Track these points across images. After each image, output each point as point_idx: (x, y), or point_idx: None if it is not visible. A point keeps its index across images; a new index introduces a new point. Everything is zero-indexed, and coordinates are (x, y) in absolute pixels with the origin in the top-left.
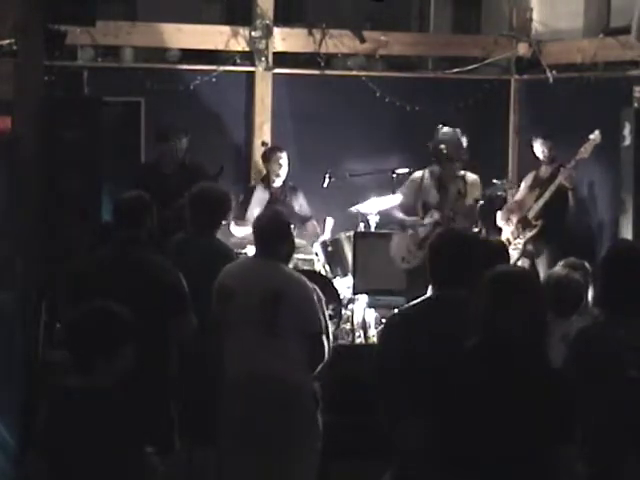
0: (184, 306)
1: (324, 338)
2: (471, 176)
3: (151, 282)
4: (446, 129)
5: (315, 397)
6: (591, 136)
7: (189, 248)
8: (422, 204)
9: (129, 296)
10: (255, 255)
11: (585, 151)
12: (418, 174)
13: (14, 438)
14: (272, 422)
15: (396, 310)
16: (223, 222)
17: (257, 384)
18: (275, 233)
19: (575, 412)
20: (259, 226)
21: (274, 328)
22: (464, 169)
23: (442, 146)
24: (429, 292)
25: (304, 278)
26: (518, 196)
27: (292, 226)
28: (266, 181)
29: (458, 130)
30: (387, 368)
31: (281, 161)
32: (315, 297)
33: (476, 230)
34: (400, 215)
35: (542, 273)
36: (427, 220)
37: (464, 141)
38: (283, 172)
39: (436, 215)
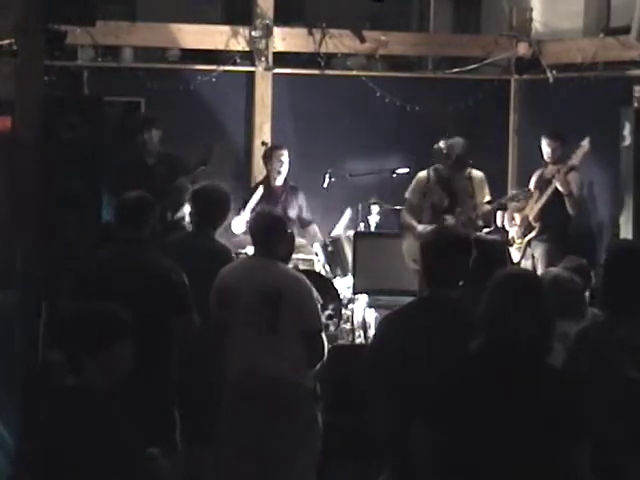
0: (187, 306)
1: (323, 336)
2: (477, 174)
3: (154, 282)
4: (456, 139)
5: (315, 395)
6: (581, 143)
7: (188, 247)
8: (430, 206)
9: (132, 296)
10: (253, 254)
11: (575, 158)
12: (423, 174)
13: (14, 438)
14: (273, 421)
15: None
16: (224, 222)
17: (259, 383)
18: (271, 231)
19: (584, 415)
20: (255, 225)
21: (275, 327)
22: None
23: (456, 152)
24: (423, 292)
25: (302, 276)
26: None
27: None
28: (266, 181)
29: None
30: (378, 369)
31: (282, 158)
32: (314, 295)
33: (487, 230)
34: (412, 221)
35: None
36: None
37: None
38: (284, 169)
39: (450, 221)
